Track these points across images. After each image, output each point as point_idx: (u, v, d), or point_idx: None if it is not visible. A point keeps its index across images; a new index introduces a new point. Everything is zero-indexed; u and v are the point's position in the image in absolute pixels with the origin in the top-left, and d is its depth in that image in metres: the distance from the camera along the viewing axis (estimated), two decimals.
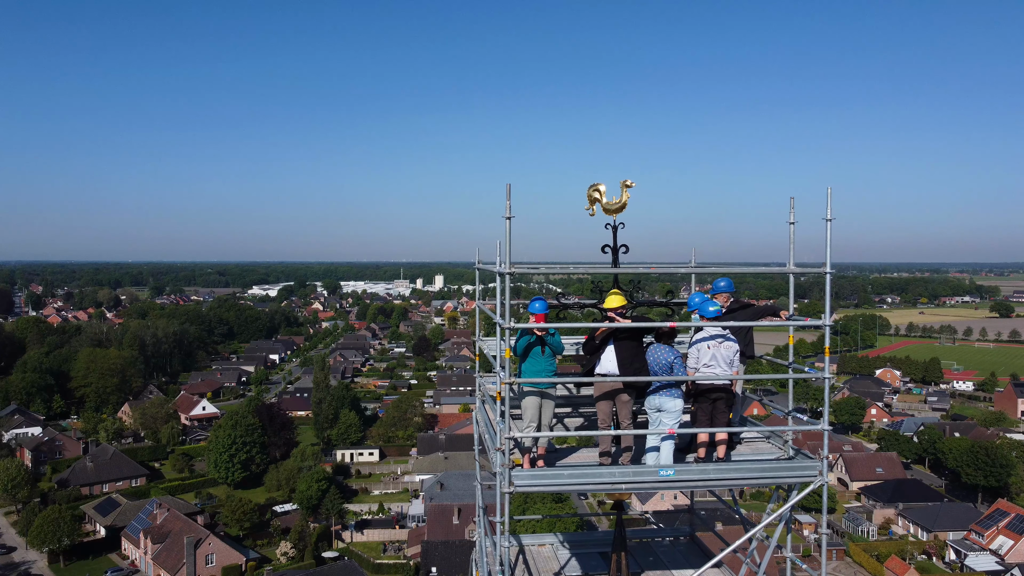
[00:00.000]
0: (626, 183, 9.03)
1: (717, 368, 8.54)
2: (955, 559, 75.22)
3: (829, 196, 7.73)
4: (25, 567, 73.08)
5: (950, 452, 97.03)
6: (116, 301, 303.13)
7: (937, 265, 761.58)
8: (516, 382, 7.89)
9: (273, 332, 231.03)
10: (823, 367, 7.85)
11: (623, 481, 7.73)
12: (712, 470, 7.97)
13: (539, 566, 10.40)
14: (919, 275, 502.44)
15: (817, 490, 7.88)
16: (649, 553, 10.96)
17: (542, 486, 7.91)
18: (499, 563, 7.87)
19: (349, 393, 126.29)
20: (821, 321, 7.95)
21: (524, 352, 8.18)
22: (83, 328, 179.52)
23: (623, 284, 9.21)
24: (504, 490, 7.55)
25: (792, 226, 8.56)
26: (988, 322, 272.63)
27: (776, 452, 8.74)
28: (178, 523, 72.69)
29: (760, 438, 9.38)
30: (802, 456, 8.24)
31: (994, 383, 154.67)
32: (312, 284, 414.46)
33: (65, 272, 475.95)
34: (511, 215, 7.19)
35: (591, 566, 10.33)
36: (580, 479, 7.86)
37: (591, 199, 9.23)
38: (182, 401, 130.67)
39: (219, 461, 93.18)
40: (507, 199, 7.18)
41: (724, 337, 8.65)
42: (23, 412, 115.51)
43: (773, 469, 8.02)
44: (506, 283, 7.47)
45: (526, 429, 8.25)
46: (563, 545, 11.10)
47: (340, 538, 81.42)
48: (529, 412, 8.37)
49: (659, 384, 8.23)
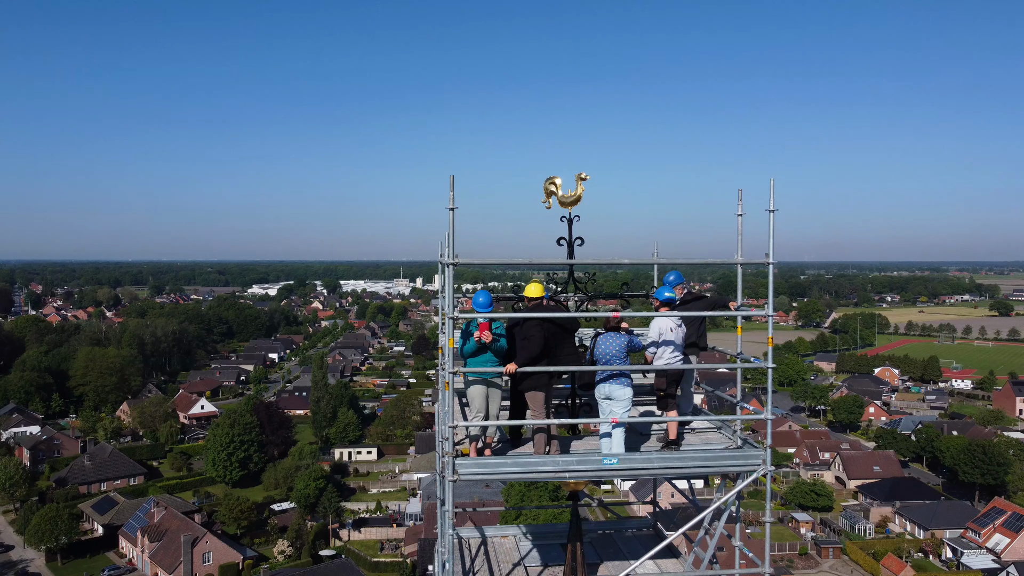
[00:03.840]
0: (581, 176, 9.10)
1: (678, 352, 8.75)
2: (951, 557, 75.22)
3: (772, 187, 7.81)
4: (23, 565, 73.22)
5: (947, 450, 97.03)
6: (116, 300, 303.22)
7: (937, 264, 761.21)
8: (460, 371, 7.96)
9: (272, 331, 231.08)
10: (766, 356, 7.90)
11: (566, 470, 7.80)
12: (656, 459, 8.04)
13: (500, 557, 10.49)
14: (919, 274, 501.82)
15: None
16: (610, 544, 11.03)
17: (485, 475, 7.99)
18: (448, 553, 7.95)
19: (348, 392, 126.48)
20: (764, 312, 8.02)
21: (473, 345, 8.26)
22: (82, 327, 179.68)
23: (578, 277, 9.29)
24: (448, 479, 7.64)
25: (740, 218, 8.64)
26: (987, 321, 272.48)
27: (727, 442, 8.81)
28: (175, 522, 72.80)
29: (712, 428, 9.46)
30: (749, 446, 8.31)
31: (992, 382, 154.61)
32: (312, 283, 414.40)
33: (65, 271, 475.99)
34: (454, 206, 7.27)
35: (551, 557, 10.41)
36: (523, 468, 7.93)
37: (547, 192, 9.29)
38: (181, 400, 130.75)
39: (217, 460, 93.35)
40: (450, 190, 7.25)
41: (680, 324, 8.86)
42: (22, 411, 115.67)
43: (718, 458, 8.09)
44: (449, 274, 7.55)
45: (473, 419, 8.34)
46: (526, 536, 11.18)
47: (337, 536, 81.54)
48: (475, 402, 8.44)
49: (608, 373, 8.32)
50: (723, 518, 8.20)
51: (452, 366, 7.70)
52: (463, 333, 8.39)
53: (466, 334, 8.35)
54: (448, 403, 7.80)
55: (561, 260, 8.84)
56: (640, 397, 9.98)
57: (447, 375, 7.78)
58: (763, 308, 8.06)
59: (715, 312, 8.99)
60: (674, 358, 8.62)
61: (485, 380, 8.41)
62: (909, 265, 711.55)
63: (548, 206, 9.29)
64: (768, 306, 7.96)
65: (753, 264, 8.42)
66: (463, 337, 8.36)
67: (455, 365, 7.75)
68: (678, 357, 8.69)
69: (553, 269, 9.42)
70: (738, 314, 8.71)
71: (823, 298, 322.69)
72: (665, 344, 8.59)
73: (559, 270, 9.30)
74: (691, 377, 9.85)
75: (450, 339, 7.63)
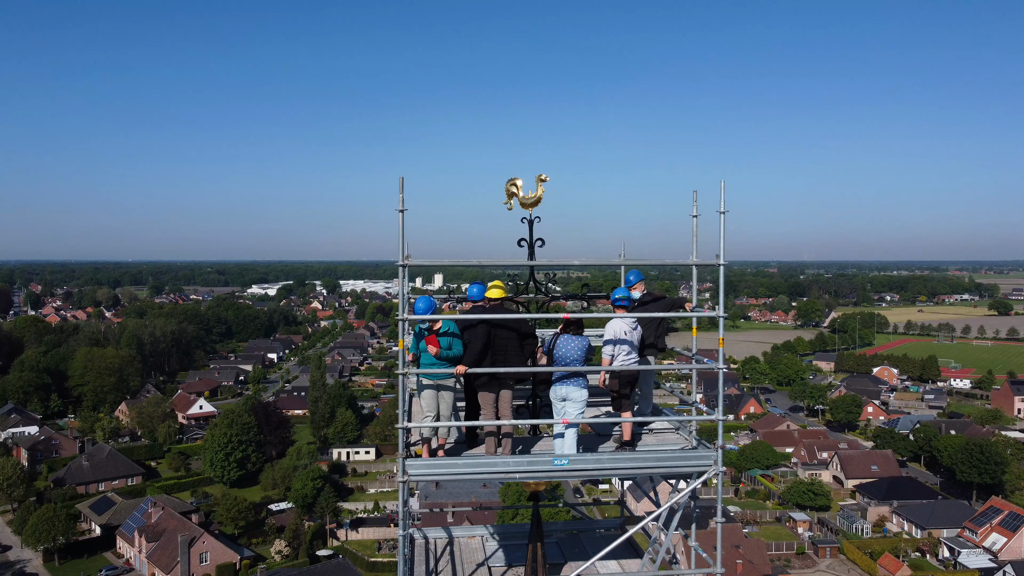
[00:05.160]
0: (540, 177, 9.15)
1: (633, 353, 8.80)
2: (948, 556, 75.25)
3: (723, 189, 7.84)
4: (20, 566, 73.28)
5: (945, 450, 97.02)
6: (115, 300, 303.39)
7: (936, 263, 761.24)
8: (410, 372, 8.00)
9: (272, 331, 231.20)
10: (717, 358, 7.93)
11: (516, 471, 7.85)
12: (607, 459, 8.08)
13: (465, 557, 10.53)
14: (918, 273, 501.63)
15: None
16: (576, 544, 11.08)
17: (436, 475, 8.03)
18: (400, 553, 7.99)
19: (346, 392, 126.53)
20: (715, 312, 8.04)
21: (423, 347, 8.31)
22: (81, 327, 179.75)
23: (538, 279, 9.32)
24: (399, 479, 7.68)
25: (695, 219, 8.67)
26: (987, 320, 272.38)
27: (683, 443, 8.85)
28: (172, 522, 72.86)
29: (671, 429, 9.50)
30: (703, 447, 8.35)
31: (991, 381, 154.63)
32: (311, 283, 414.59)
33: (64, 271, 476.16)
34: (404, 208, 7.30)
35: (516, 557, 10.44)
36: (473, 469, 7.97)
37: (509, 194, 9.34)
38: (179, 400, 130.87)
39: (215, 460, 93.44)
40: (400, 192, 7.29)
41: (635, 325, 8.91)
42: (20, 411, 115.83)
43: (669, 458, 8.12)
44: (404, 276, 7.59)
45: (423, 420, 8.39)
46: (492, 537, 11.23)
47: (335, 536, 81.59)
48: (426, 404, 8.50)
49: (565, 374, 8.37)
50: (676, 518, 8.21)
51: (403, 367, 7.74)
52: (416, 336, 8.43)
53: (419, 336, 8.38)
54: (401, 405, 7.85)
55: (521, 261, 8.88)
56: (603, 398, 10.01)
57: (400, 377, 7.81)
58: (762, 307, 8.06)
59: (668, 313, 9.03)
60: (629, 359, 8.66)
61: (436, 382, 8.46)
62: (909, 264, 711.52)
63: (510, 207, 9.34)
64: (719, 307, 7.99)
65: (707, 265, 8.45)
66: (416, 339, 8.41)
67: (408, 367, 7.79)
68: (633, 358, 8.73)
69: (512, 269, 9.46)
70: (692, 315, 8.74)
71: (822, 297, 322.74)
72: (620, 345, 8.63)
73: (520, 271, 9.33)
74: (650, 378, 9.88)
75: (400, 340, 7.67)
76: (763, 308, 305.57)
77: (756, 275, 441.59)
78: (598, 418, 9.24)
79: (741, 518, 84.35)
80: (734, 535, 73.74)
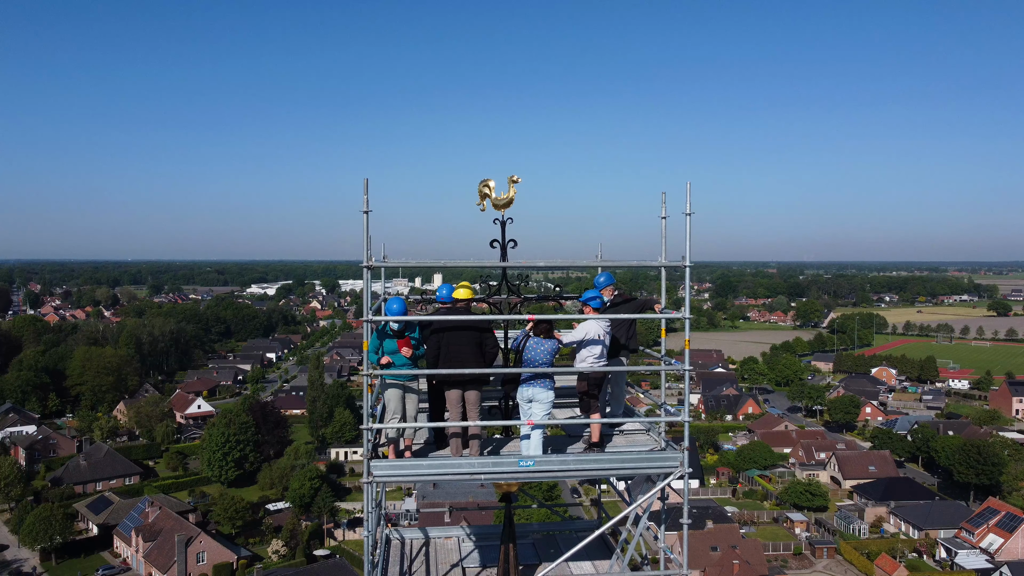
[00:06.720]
0: (513, 179, 9.16)
1: (604, 354, 8.80)
2: (946, 557, 75.26)
3: (688, 191, 7.85)
4: (17, 565, 73.28)
5: (943, 450, 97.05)
6: (114, 300, 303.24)
7: (936, 264, 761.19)
8: (375, 374, 8.02)
9: (271, 331, 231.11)
10: (683, 359, 7.95)
11: (482, 472, 7.86)
12: (572, 461, 8.09)
13: (440, 558, 10.54)
14: (918, 273, 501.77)
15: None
16: (551, 545, 11.10)
17: (400, 477, 8.05)
18: (367, 552, 8.00)
19: (344, 391, 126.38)
20: (680, 314, 8.06)
21: (388, 347, 8.32)
22: (79, 327, 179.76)
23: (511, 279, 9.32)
24: (363, 480, 7.69)
25: (664, 220, 8.69)
26: (986, 321, 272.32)
27: (652, 444, 8.86)
28: (169, 521, 72.86)
29: (642, 430, 9.50)
30: (670, 448, 8.35)
31: (989, 382, 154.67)
32: (311, 282, 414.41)
33: (64, 271, 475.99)
34: (368, 209, 7.31)
35: (491, 558, 10.45)
36: (438, 470, 7.99)
37: (481, 195, 9.35)
38: (178, 400, 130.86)
39: (213, 459, 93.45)
40: (364, 193, 7.30)
41: (606, 327, 8.91)
42: (18, 410, 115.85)
43: (635, 460, 8.12)
44: (368, 278, 7.60)
45: (389, 421, 8.39)
46: (469, 538, 11.24)
47: (332, 536, 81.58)
48: (392, 404, 8.51)
49: (532, 375, 8.38)
50: (644, 519, 8.22)
51: (368, 368, 7.76)
52: (378, 333, 8.43)
53: (382, 335, 8.37)
54: (366, 406, 7.86)
55: (494, 262, 8.89)
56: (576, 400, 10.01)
57: (364, 379, 7.84)
58: (761, 307, 8.06)
59: (637, 315, 9.03)
60: (598, 361, 8.66)
61: (402, 383, 8.45)
62: (908, 265, 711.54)
63: (483, 208, 9.35)
64: (685, 308, 8.00)
65: (673, 267, 8.45)
66: (379, 338, 8.40)
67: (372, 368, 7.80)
68: (602, 360, 8.74)
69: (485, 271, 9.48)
70: (660, 316, 8.75)
71: (821, 298, 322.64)
72: (589, 346, 8.64)
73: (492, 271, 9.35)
74: (622, 380, 9.89)
75: (365, 342, 7.68)
76: (762, 308, 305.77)
77: (755, 275, 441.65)
78: (570, 420, 9.26)
79: (738, 518, 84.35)
80: (731, 535, 73.75)
